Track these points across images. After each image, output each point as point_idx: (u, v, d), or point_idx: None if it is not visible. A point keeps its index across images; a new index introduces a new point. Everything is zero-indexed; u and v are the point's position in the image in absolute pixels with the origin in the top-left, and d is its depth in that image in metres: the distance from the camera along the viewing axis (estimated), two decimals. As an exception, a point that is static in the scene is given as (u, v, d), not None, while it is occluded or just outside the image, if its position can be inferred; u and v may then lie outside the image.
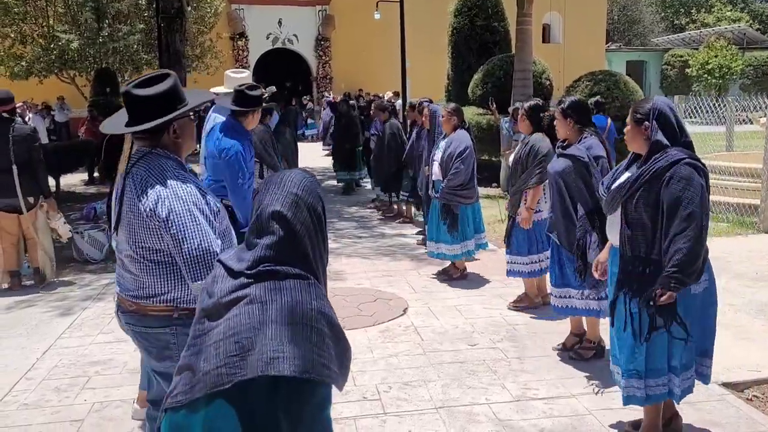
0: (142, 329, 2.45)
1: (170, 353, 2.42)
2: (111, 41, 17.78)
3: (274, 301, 1.60)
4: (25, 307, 5.70)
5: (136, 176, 2.35)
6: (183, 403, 1.62)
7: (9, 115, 6.15)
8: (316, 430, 1.58)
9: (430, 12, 25.23)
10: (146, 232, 2.32)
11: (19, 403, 3.85)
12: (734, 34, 35.90)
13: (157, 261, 2.37)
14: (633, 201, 2.98)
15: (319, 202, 1.75)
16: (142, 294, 2.41)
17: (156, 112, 2.34)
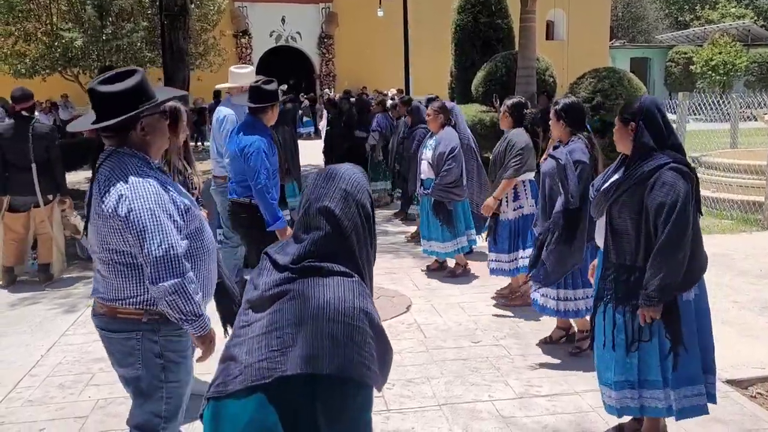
0: (108, 333, 2.40)
1: (132, 360, 2.37)
2: (114, 39, 17.77)
3: (316, 298, 1.58)
4: (29, 304, 5.72)
5: (100, 176, 2.29)
6: (225, 393, 1.62)
7: (28, 114, 6.20)
8: (355, 429, 1.55)
9: (433, 9, 25.21)
10: (111, 233, 2.26)
11: (24, 400, 3.87)
12: (739, 31, 35.79)
13: (125, 263, 2.30)
14: (617, 206, 2.91)
15: (367, 199, 1.72)
16: (111, 296, 2.35)
17: (121, 109, 2.26)
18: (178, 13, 11.73)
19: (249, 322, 1.67)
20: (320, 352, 1.52)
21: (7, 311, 5.56)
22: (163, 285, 2.17)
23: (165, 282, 2.17)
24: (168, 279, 2.17)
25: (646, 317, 2.83)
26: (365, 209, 1.69)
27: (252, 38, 27.52)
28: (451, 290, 5.79)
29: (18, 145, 6.02)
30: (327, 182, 1.70)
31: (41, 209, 6.21)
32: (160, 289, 2.18)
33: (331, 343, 1.53)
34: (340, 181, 1.70)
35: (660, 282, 2.75)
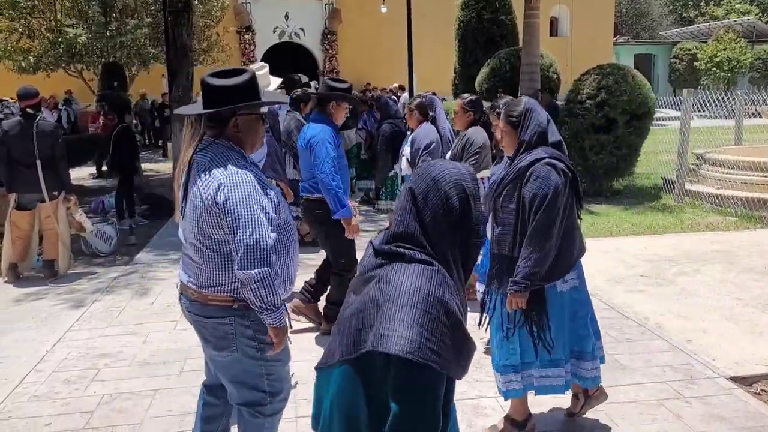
0: (202, 318, 2.47)
1: (227, 343, 2.45)
2: (118, 35, 17.79)
3: (395, 283, 1.67)
4: (35, 299, 5.74)
5: (200, 164, 2.39)
6: (325, 365, 1.81)
7: (33, 111, 6.23)
8: (416, 411, 1.61)
9: (437, 5, 25.16)
10: (208, 221, 2.34)
11: (30, 395, 3.89)
12: (743, 27, 35.62)
13: (218, 251, 2.38)
14: (500, 200, 3.05)
15: (457, 193, 1.73)
16: (204, 283, 2.43)
17: (221, 103, 2.39)
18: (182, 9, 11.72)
19: (349, 304, 1.82)
20: (390, 333, 1.60)
21: (12, 307, 5.58)
22: (250, 272, 2.26)
23: (252, 270, 2.26)
24: (255, 267, 2.26)
25: (513, 304, 2.98)
26: (449, 202, 1.72)
27: (255, 34, 27.49)
28: (454, 287, 5.79)
29: (23, 143, 6.05)
30: (423, 170, 1.79)
31: (47, 205, 6.24)
32: (248, 275, 2.27)
33: (400, 326, 1.60)
34: (434, 170, 1.77)
35: (527, 270, 2.90)
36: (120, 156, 8.90)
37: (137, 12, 18.83)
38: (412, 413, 1.59)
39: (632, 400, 3.63)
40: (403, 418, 1.59)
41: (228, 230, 2.30)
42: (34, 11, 18.27)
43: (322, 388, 1.85)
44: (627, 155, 9.78)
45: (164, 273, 6.48)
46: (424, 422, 1.60)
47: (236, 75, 2.43)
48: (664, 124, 14.87)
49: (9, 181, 6.18)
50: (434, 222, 1.71)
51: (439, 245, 1.71)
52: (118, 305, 5.51)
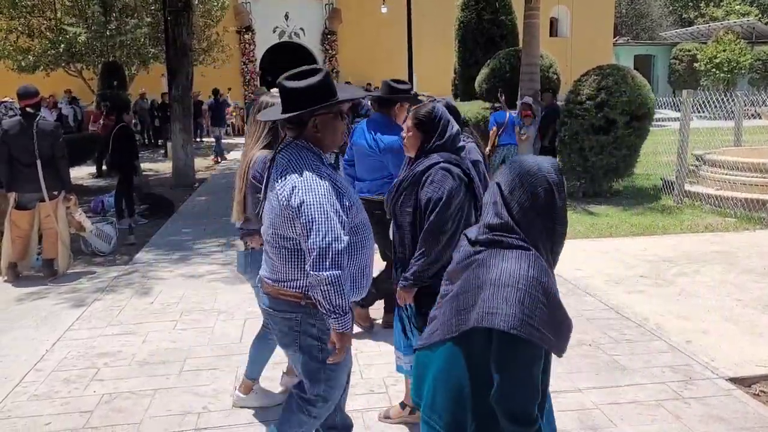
0: (273, 311, 2.56)
1: (291, 340, 2.53)
2: (118, 35, 17.81)
3: (495, 266, 1.81)
4: (35, 299, 5.74)
5: (278, 165, 2.46)
6: (425, 345, 1.97)
7: (33, 110, 6.23)
8: (517, 379, 1.75)
9: (437, 6, 25.19)
10: (282, 220, 2.41)
11: (29, 394, 3.89)
12: (743, 28, 35.64)
13: (290, 248, 2.45)
14: (398, 204, 3.08)
15: (543, 187, 1.86)
16: (277, 277, 2.51)
17: (299, 105, 2.42)
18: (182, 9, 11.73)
19: (447, 291, 1.97)
20: (494, 311, 1.74)
21: (12, 306, 5.58)
22: (322, 274, 2.30)
23: (324, 272, 2.30)
24: (327, 270, 2.30)
25: (401, 298, 3.06)
26: (536, 195, 1.85)
27: (255, 34, 27.48)
28: (454, 287, 5.80)
29: (23, 142, 6.05)
30: (512, 164, 1.92)
31: (46, 204, 6.24)
32: (319, 277, 2.31)
33: (504, 304, 1.74)
34: (522, 165, 1.89)
35: (415, 268, 2.97)
36: (119, 155, 8.90)
37: (137, 11, 18.84)
38: (513, 381, 1.74)
39: (631, 401, 3.63)
40: (505, 386, 1.74)
41: (301, 232, 2.34)
42: (34, 10, 18.28)
43: (423, 366, 1.99)
44: (626, 156, 9.79)
45: (164, 272, 6.48)
46: (524, 389, 1.74)
47: (311, 75, 2.45)
48: (663, 125, 14.89)
49: (9, 180, 6.17)
50: (522, 213, 1.85)
51: (531, 233, 1.85)
52: (118, 305, 5.51)
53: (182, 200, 10.83)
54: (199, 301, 5.54)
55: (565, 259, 5.95)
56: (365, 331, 4.76)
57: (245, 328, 4.87)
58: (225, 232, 8.20)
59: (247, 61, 27.55)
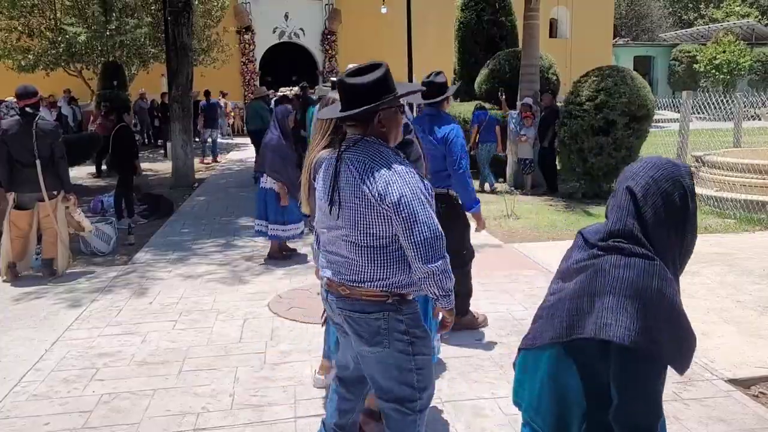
0: (355, 314, 2.48)
1: (380, 339, 2.47)
2: (118, 34, 17.80)
3: (616, 275, 1.73)
4: (34, 298, 5.74)
5: (355, 161, 2.40)
6: (533, 346, 1.91)
7: (32, 110, 6.22)
8: (638, 399, 1.68)
9: (436, 6, 25.20)
10: (373, 217, 2.37)
11: (28, 394, 3.88)
12: (743, 30, 35.70)
13: (376, 246, 2.41)
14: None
15: (678, 190, 1.78)
16: (357, 278, 2.45)
17: (363, 101, 2.39)
18: (182, 9, 11.73)
19: (558, 289, 1.91)
20: (612, 322, 1.67)
21: (11, 306, 5.58)
22: (434, 265, 2.31)
23: (435, 263, 2.32)
24: (437, 260, 2.32)
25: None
26: (670, 199, 1.76)
27: (255, 34, 27.50)
28: (453, 288, 5.80)
29: (22, 142, 6.05)
30: (641, 166, 1.83)
31: (46, 204, 6.23)
32: (431, 269, 2.32)
33: (624, 316, 1.67)
34: (652, 168, 1.80)
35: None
36: (119, 155, 8.90)
37: (137, 11, 18.84)
38: (634, 397, 1.67)
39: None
40: (626, 402, 1.67)
41: (402, 227, 2.32)
42: (34, 10, 18.27)
43: (527, 368, 1.93)
44: (626, 157, 9.79)
45: (163, 273, 6.48)
46: (646, 405, 1.68)
47: (372, 71, 2.43)
48: (663, 126, 14.89)
49: (8, 180, 6.17)
50: (655, 218, 1.76)
51: (659, 241, 1.76)
52: (117, 305, 5.50)
53: (182, 200, 10.84)
54: (198, 302, 5.54)
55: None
56: None
57: (244, 328, 4.87)
58: (224, 232, 8.20)
59: (247, 61, 27.56)
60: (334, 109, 2.60)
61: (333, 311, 2.58)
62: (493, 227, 8.17)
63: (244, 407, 3.65)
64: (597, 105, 9.61)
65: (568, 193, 10.41)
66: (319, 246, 2.66)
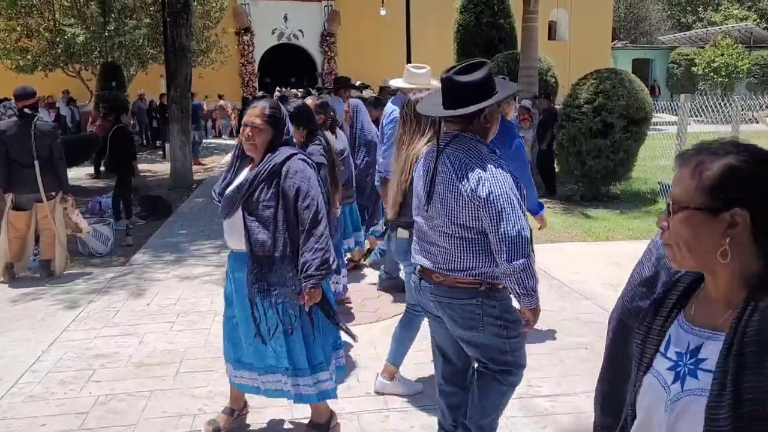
0: (449, 300, 2.60)
1: (474, 323, 2.60)
2: (117, 35, 17.81)
3: None
4: (31, 300, 5.73)
5: (452, 157, 2.51)
6: None
7: (31, 111, 6.22)
8: None
9: (435, 8, 25.23)
10: (465, 211, 2.47)
11: (25, 396, 3.88)
12: (741, 33, 35.77)
13: (470, 238, 2.51)
14: (253, 199, 2.99)
15: None
16: (452, 267, 2.56)
17: (472, 98, 2.49)
18: (181, 10, 11.72)
19: None
20: None
21: (8, 307, 5.57)
22: (516, 263, 2.40)
23: (518, 261, 2.40)
24: (520, 258, 2.40)
25: (311, 299, 2.95)
26: None
27: (254, 36, 27.52)
28: (451, 290, 5.80)
29: (21, 142, 6.04)
30: None
31: (44, 204, 6.23)
32: (513, 267, 2.40)
33: None
34: None
35: (317, 262, 2.92)
36: (117, 156, 8.89)
37: (136, 12, 18.84)
38: None
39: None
40: None
41: (488, 222, 2.42)
42: (33, 11, 18.27)
43: None
44: (624, 160, 9.80)
45: (161, 274, 6.47)
46: None
47: (479, 68, 2.53)
48: (661, 129, 14.91)
49: (6, 181, 6.16)
50: None
51: None
52: (114, 306, 5.50)
53: (180, 201, 10.83)
54: (195, 303, 5.53)
55: (561, 262, 5.99)
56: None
57: (242, 330, 4.87)
58: (222, 233, 8.18)
59: (246, 62, 27.58)
60: (434, 106, 2.64)
61: (426, 297, 2.70)
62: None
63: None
64: (595, 108, 9.61)
65: (567, 196, 10.42)
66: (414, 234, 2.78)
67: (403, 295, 5.59)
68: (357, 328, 4.82)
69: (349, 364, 4.23)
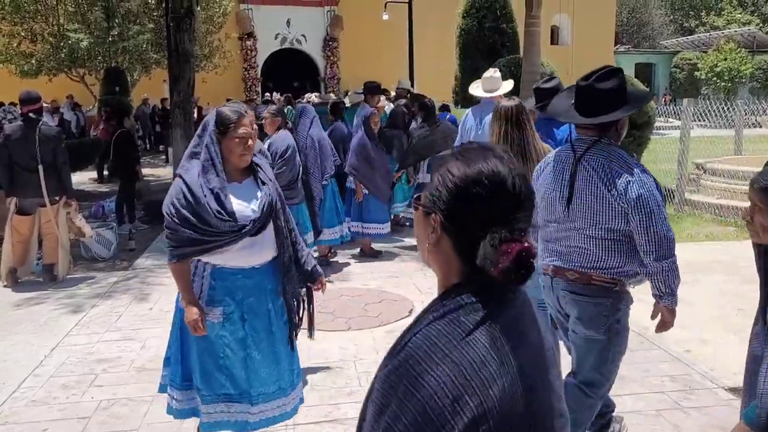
0: (584, 297, 2.72)
1: (598, 323, 2.71)
2: (121, 40, 17.84)
3: None
4: (34, 304, 5.74)
5: (595, 163, 2.64)
6: None
7: (35, 115, 6.24)
8: None
9: (438, 13, 25.24)
10: (610, 213, 2.61)
11: (27, 400, 3.88)
12: (744, 37, 35.73)
13: (612, 239, 2.65)
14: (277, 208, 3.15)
15: None
16: (591, 265, 2.70)
17: (610, 105, 2.62)
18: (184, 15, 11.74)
19: None
20: None
21: (11, 311, 5.58)
22: (665, 262, 2.56)
23: (666, 260, 2.56)
24: (669, 257, 2.57)
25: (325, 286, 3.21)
26: None
27: (257, 40, 27.56)
28: (454, 294, 5.78)
29: (25, 147, 6.05)
30: None
31: (47, 209, 6.23)
32: (662, 266, 2.56)
33: None
34: None
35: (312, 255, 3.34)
36: (121, 161, 8.90)
37: (140, 17, 18.88)
38: None
39: (630, 411, 3.62)
40: None
41: (639, 225, 2.55)
42: (37, 16, 18.32)
43: None
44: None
45: (164, 278, 6.47)
46: None
47: (613, 76, 2.66)
48: (664, 134, 14.89)
49: (10, 185, 6.18)
50: None
51: None
52: (117, 310, 5.50)
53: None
54: (198, 307, 5.53)
55: (564, 267, 5.82)
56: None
57: (244, 334, 4.86)
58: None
59: (249, 67, 27.62)
60: (567, 112, 2.75)
61: (557, 296, 2.81)
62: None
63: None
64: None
65: (569, 200, 10.39)
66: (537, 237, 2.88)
67: (407, 301, 5.60)
68: (359, 332, 4.82)
69: (351, 369, 4.23)
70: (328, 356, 4.43)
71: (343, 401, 3.74)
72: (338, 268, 6.69)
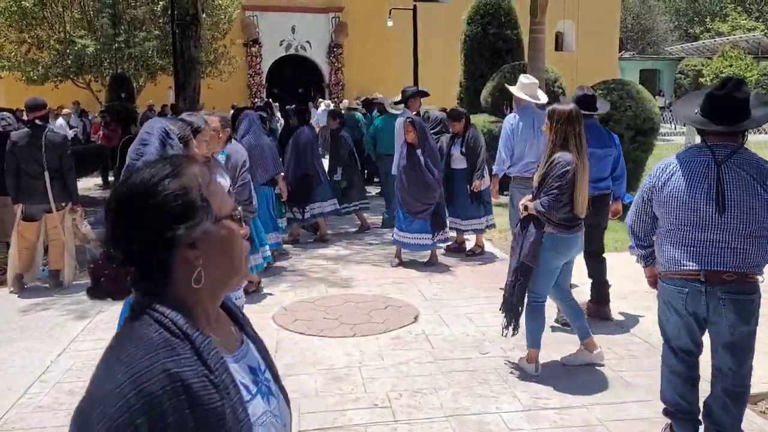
0: (740, 296, 2.88)
1: (750, 315, 2.91)
2: (127, 47, 17.96)
3: None
4: (40, 310, 5.76)
5: (745, 166, 2.82)
6: None
7: (41, 122, 6.28)
8: None
9: (442, 19, 25.29)
10: (765, 212, 2.81)
11: (34, 406, 3.89)
12: (749, 43, 35.73)
13: (765, 236, 2.85)
14: None
15: None
16: (747, 265, 2.87)
17: (744, 113, 2.85)
18: (190, 22, 11.80)
19: None
20: None
21: (17, 317, 5.60)
22: None
23: None
24: None
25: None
26: None
27: (262, 47, 27.69)
28: (458, 301, 5.79)
29: (31, 153, 6.09)
30: None
31: (53, 215, 6.26)
32: None
33: None
34: None
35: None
36: (125, 166, 8.91)
37: (146, 24, 19.00)
38: None
39: (636, 417, 3.62)
40: None
41: None
42: (44, 22, 18.45)
43: None
44: (632, 170, 9.74)
45: (169, 284, 6.49)
46: None
47: (743, 86, 2.87)
48: (669, 140, 14.89)
49: (16, 191, 6.20)
50: None
51: None
52: (123, 316, 5.51)
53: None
54: (203, 313, 5.53)
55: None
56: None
57: (249, 340, 4.86)
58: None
59: (254, 73, 27.74)
60: (698, 119, 2.92)
61: (707, 301, 2.90)
62: (498, 238, 8.17)
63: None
64: (603, 118, 9.60)
65: (574, 207, 10.39)
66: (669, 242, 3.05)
67: (412, 308, 5.60)
68: (364, 339, 4.83)
69: (356, 375, 4.23)
70: (333, 362, 4.43)
71: (348, 408, 3.74)
72: (343, 275, 6.70)
